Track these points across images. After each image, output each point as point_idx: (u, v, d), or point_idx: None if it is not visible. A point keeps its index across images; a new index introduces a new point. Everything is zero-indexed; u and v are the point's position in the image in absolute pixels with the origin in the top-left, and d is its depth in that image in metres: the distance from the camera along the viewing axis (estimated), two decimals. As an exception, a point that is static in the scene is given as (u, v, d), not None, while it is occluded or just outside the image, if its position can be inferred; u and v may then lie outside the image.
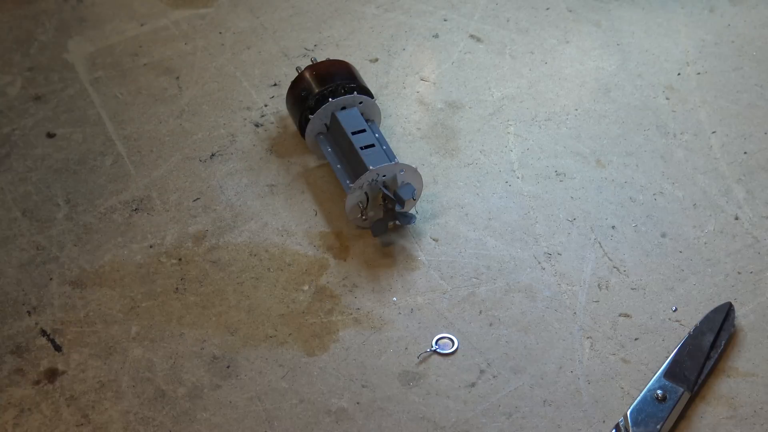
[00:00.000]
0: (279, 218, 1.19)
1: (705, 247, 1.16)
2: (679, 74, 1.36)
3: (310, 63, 1.25)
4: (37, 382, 1.04)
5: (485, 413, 1.02)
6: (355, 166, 1.16)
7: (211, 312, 1.10)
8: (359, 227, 1.18)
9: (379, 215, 1.17)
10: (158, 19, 1.44)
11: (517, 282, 1.13)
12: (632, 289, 1.12)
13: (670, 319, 1.10)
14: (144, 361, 1.06)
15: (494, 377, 1.05)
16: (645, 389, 1.02)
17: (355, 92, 1.21)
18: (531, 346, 1.08)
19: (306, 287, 1.13)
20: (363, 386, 1.04)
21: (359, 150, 1.15)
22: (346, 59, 1.29)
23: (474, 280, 1.13)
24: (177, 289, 1.12)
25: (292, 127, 1.29)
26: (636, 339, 1.08)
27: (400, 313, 1.10)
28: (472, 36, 1.42)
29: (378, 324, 1.09)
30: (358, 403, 1.03)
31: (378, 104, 1.24)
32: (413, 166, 1.15)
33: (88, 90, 1.34)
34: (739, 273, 1.14)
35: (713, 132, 1.29)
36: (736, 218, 1.19)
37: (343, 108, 1.21)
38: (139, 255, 1.15)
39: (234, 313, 1.10)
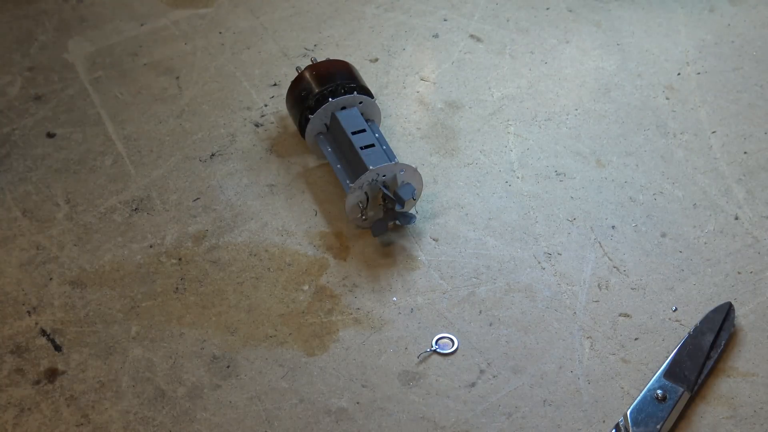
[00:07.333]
0: (279, 218, 1.19)
1: (705, 247, 1.16)
2: (679, 74, 1.36)
3: (310, 63, 1.25)
4: (37, 382, 1.04)
5: (485, 413, 1.02)
6: (355, 166, 1.16)
7: (211, 312, 1.10)
8: (359, 227, 1.18)
9: (379, 215, 1.17)
10: (158, 19, 1.44)
11: (517, 282, 1.13)
12: (632, 289, 1.12)
13: (670, 319, 1.10)
14: (144, 361, 1.06)
15: (494, 377, 1.05)
16: (645, 389, 1.02)
17: (355, 92, 1.21)
18: (531, 346, 1.08)
19: (306, 287, 1.13)
20: (363, 386, 1.04)
21: (359, 150, 1.15)
22: (346, 59, 1.29)
23: (474, 280, 1.13)
24: (177, 289, 1.12)
25: (292, 127, 1.29)
26: (636, 339, 1.08)
27: (400, 313, 1.10)
28: (472, 36, 1.42)
29: (378, 324, 1.09)
30: (358, 403, 1.03)
31: (378, 104, 1.24)
32: (413, 166, 1.15)
33: (88, 90, 1.34)
34: (739, 273, 1.14)
35: (713, 132, 1.29)
36: (736, 218, 1.19)
37: (343, 108, 1.21)
38: (139, 255, 1.15)
39: (234, 313, 1.10)
